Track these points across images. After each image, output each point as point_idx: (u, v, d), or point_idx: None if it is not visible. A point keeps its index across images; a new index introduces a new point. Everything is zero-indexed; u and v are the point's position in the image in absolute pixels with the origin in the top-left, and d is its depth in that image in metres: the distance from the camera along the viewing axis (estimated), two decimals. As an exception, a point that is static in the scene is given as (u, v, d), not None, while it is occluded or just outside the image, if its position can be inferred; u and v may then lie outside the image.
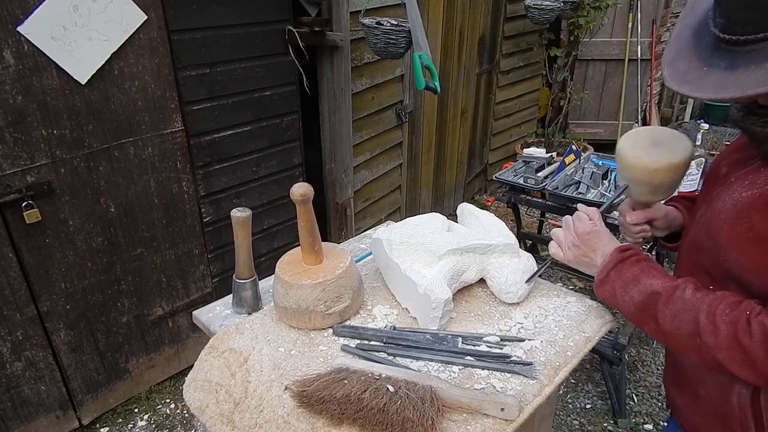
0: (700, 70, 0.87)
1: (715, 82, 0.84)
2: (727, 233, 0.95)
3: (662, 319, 0.97)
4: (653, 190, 1.14)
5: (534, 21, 3.95)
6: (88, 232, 2.12)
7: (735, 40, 0.83)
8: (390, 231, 1.29)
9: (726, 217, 0.95)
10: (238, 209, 1.21)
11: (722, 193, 1.00)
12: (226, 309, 1.31)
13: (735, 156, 1.06)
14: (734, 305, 0.90)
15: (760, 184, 0.92)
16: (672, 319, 0.95)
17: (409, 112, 3.46)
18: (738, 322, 0.87)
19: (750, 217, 0.91)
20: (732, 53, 0.84)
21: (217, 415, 0.95)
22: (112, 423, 2.47)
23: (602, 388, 2.66)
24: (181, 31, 2.12)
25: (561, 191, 2.69)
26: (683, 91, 0.89)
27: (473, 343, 1.11)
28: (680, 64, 0.92)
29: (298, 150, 2.74)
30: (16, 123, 1.83)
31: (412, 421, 0.87)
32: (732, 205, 0.95)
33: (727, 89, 0.82)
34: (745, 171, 1.00)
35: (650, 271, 1.02)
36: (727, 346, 0.88)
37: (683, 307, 0.94)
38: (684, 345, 0.95)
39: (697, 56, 0.90)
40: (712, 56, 0.87)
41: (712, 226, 0.98)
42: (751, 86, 0.79)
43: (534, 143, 4.69)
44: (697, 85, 0.86)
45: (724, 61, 0.85)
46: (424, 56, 2.50)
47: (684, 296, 0.95)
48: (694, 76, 0.88)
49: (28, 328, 2.08)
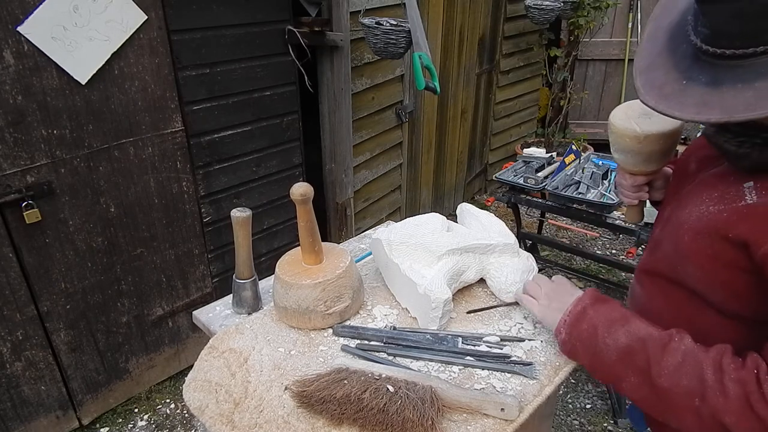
0: (679, 83, 0.78)
1: (698, 99, 0.75)
2: (687, 245, 0.91)
3: (657, 371, 0.84)
4: (646, 159, 1.11)
5: (534, 21, 3.95)
6: (88, 232, 2.12)
7: (720, 53, 0.74)
8: (390, 231, 1.29)
9: (689, 229, 0.91)
10: (238, 209, 1.21)
11: (690, 198, 0.96)
12: (226, 309, 1.31)
13: (704, 152, 1.02)
14: (737, 362, 0.81)
15: (728, 199, 0.86)
16: (672, 372, 0.83)
17: (409, 112, 3.45)
18: (747, 383, 0.78)
19: (711, 237, 0.86)
20: (715, 67, 0.75)
21: (217, 415, 0.95)
22: (112, 423, 2.47)
23: (602, 388, 2.66)
24: (181, 31, 2.12)
25: (561, 191, 2.68)
26: (660, 109, 0.78)
27: (473, 343, 1.11)
28: (656, 75, 0.82)
29: (298, 150, 2.74)
30: (16, 123, 1.83)
31: (412, 421, 0.87)
32: (697, 218, 0.90)
33: (712, 110, 0.73)
34: (713, 173, 0.96)
35: (634, 316, 0.92)
36: (737, 409, 0.77)
37: (685, 359, 0.83)
38: (676, 405, 0.83)
39: (675, 66, 0.81)
40: (691, 68, 0.78)
41: (676, 234, 0.95)
42: (739, 110, 0.71)
43: (534, 143, 4.69)
44: (678, 102, 0.77)
45: (706, 75, 0.76)
46: (424, 56, 2.50)
47: (682, 347, 0.84)
48: (672, 91, 0.78)
49: (28, 328, 2.08)
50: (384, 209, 3.57)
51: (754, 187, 0.83)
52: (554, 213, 2.93)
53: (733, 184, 0.87)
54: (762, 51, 0.71)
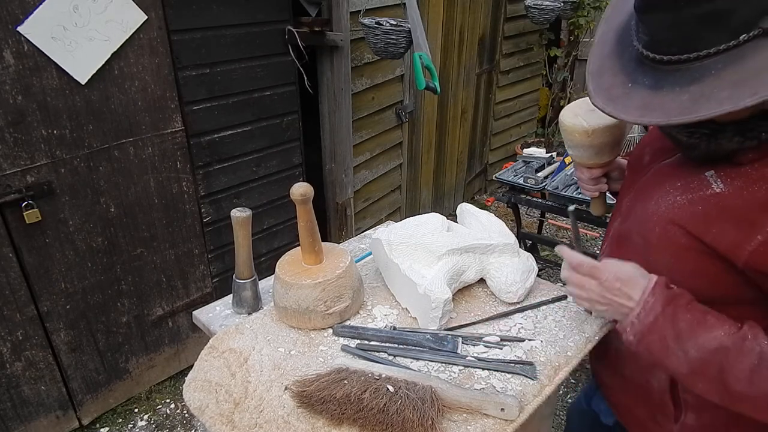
0: (625, 86, 0.83)
1: (640, 102, 0.80)
2: (658, 236, 0.93)
3: (734, 379, 0.81)
4: (598, 152, 1.17)
5: (534, 21, 3.95)
6: (88, 232, 2.12)
7: (659, 59, 0.79)
8: (390, 231, 1.28)
9: (659, 220, 0.93)
10: (238, 209, 1.20)
11: (651, 190, 0.98)
12: (226, 309, 1.31)
13: (658, 144, 1.06)
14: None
15: (693, 188, 0.89)
16: (749, 379, 0.80)
17: (409, 112, 3.46)
18: None
19: (684, 225, 0.88)
20: (657, 70, 0.80)
21: (217, 415, 0.95)
22: (112, 423, 2.47)
23: (602, 388, 2.66)
24: (181, 31, 2.12)
25: (561, 191, 2.69)
26: (608, 111, 0.83)
27: (473, 343, 1.11)
28: (605, 78, 0.87)
29: (298, 150, 2.74)
30: (16, 123, 1.83)
31: (412, 421, 0.87)
32: (666, 209, 0.92)
33: (653, 113, 0.78)
34: (667, 163, 0.99)
35: (706, 317, 0.86)
36: None
37: (761, 362, 0.79)
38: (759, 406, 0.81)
39: (622, 68, 0.86)
40: (636, 70, 0.83)
41: (645, 226, 0.96)
42: (674, 113, 0.76)
43: (534, 143, 4.68)
44: (623, 105, 0.82)
45: (649, 79, 0.81)
46: (424, 56, 2.50)
47: (759, 347, 0.80)
48: (618, 93, 0.84)
49: (28, 328, 2.08)
50: (384, 209, 3.57)
51: (717, 175, 0.87)
52: (554, 213, 2.94)
53: (694, 173, 0.91)
54: (695, 57, 0.75)
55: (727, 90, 0.72)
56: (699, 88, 0.75)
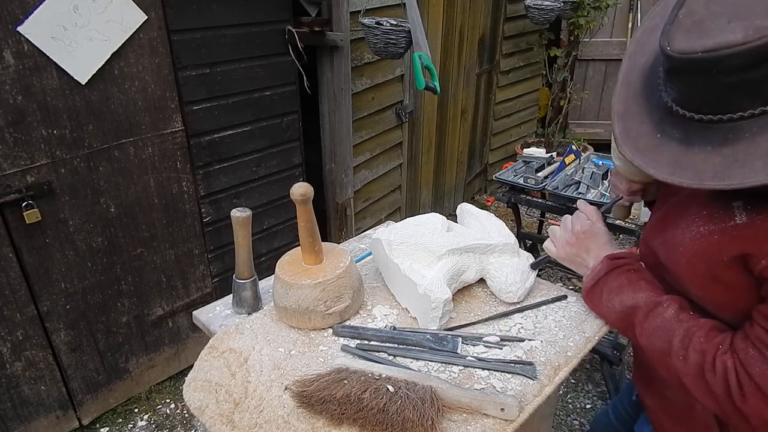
0: (653, 137, 0.83)
1: (670, 158, 0.80)
2: (685, 268, 0.94)
3: (639, 332, 0.98)
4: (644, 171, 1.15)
5: (534, 21, 3.95)
6: (88, 232, 2.12)
7: (689, 117, 0.78)
8: (390, 231, 1.28)
9: (685, 251, 0.93)
10: (238, 209, 1.20)
11: (679, 214, 0.98)
12: (226, 309, 1.31)
13: None
14: (711, 336, 0.88)
15: (717, 219, 0.88)
16: (648, 335, 0.96)
17: (409, 112, 3.46)
18: (706, 355, 0.87)
19: (707, 261, 0.89)
20: (687, 124, 0.79)
21: (217, 415, 0.95)
22: (112, 423, 2.47)
23: (602, 388, 2.66)
24: (181, 31, 2.12)
25: (561, 191, 2.68)
26: (636, 163, 0.83)
27: (473, 343, 1.11)
28: (631, 124, 0.86)
29: (298, 150, 2.74)
30: (16, 123, 1.83)
31: (412, 421, 0.87)
32: (691, 240, 0.92)
33: (684, 172, 0.77)
34: None
35: (637, 283, 1.02)
36: (693, 374, 0.88)
37: (660, 325, 0.94)
38: (655, 361, 0.97)
39: (649, 116, 0.85)
40: (664, 120, 0.82)
41: (674, 252, 0.97)
42: (706, 176, 0.75)
43: (534, 143, 4.69)
44: (653, 159, 0.82)
45: (679, 131, 0.80)
46: (424, 56, 2.50)
47: (665, 315, 0.94)
48: (647, 145, 0.83)
49: (28, 328, 2.08)
50: (384, 209, 3.57)
51: (743, 207, 0.85)
52: (554, 213, 2.93)
53: (723, 201, 0.89)
54: (728, 119, 0.75)
55: (762, 159, 0.72)
56: (732, 151, 0.74)
